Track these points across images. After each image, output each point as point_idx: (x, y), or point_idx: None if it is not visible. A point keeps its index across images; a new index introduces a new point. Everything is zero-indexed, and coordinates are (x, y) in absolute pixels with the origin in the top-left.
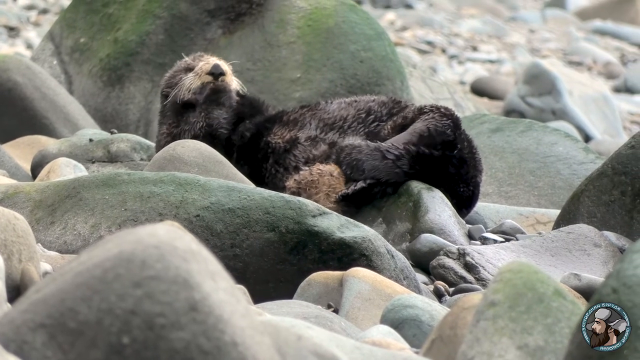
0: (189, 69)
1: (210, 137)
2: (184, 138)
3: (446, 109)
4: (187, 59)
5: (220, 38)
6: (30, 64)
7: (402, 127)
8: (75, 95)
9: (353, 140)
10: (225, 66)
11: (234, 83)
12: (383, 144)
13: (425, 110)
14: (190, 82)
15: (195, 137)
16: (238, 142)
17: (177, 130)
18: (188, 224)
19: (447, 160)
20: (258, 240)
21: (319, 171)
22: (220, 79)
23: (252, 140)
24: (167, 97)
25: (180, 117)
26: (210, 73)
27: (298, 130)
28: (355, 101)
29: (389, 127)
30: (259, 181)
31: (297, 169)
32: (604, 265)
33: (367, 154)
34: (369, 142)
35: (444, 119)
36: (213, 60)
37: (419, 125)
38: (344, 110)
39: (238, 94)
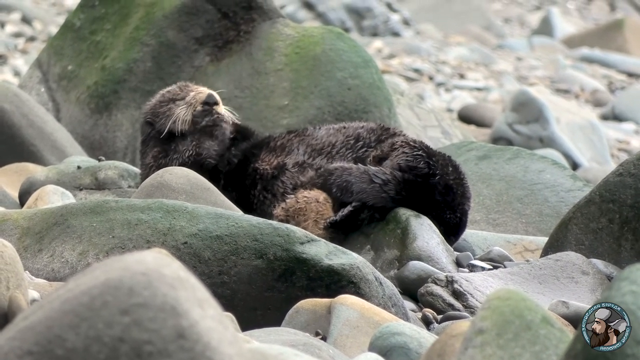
0: (174, 99)
1: (197, 165)
2: (172, 166)
3: (414, 141)
4: (171, 88)
5: (207, 65)
6: (17, 91)
7: (380, 160)
8: (63, 123)
9: (340, 163)
10: (217, 96)
11: (226, 113)
12: (371, 167)
13: (395, 146)
14: (185, 113)
15: (182, 164)
16: (225, 169)
17: (164, 160)
18: (176, 251)
19: (433, 187)
20: (246, 267)
21: (305, 198)
22: (215, 108)
23: (239, 167)
24: (152, 124)
25: (168, 146)
26: (205, 102)
27: (285, 156)
28: (344, 127)
29: (371, 157)
30: (247, 207)
31: (284, 196)
32: (592, 293)
33: (356, 176)
34: (359, 165)
35: (415, 150)
36: (206, 90)
37: (389, 164)
38: (333, 136)
39: (233, 123)
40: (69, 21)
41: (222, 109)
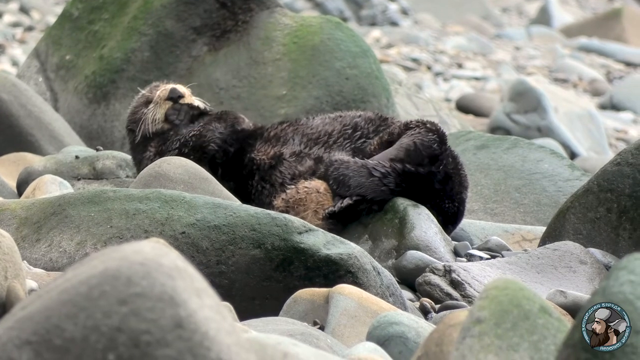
0: (148, 102)
1: (199, 148)
2: (172, 147)
3: (432, 123)
4: (144, 91)
5: (205, 55)
6: (15, 81)
7: (388, 144)
8: (61, 113)
9: (340, 155)
10: (182, 88)
11: (196, 102)
12: (370, 161)
13: (411, 125)
14: (154, 113)
15: (184, 145)
16: (221, 159)
17: (164, 146)
18: (174, 241)
19: (433, 177)
20: (244, 257)
21: (305, 189)
22: (180, 101)
23: (236, 157)
24: (134, 132)
25: (164, 136)
26: (169, 98)
27: (281, 146)
28: (341, 116)
29: (375, 143)
30: (245, 197)
31: (283, 186)
32: (590, 282)
33: (354, 170)
34: (357, 158)
35: (430, 133)
36: (168, 85)
37: (405, 140)
38: (329, 125)
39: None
40: (66, 11)
41: (191, 99)
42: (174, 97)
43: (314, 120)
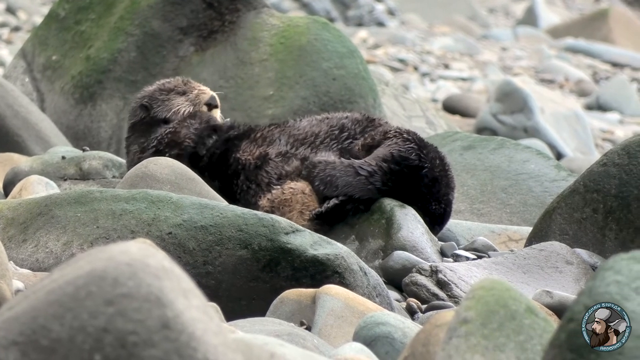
0: (175, 91)
1: (175, 145)
2: (150, 145)
3: (408, 132)
4: (172, 80)
5: (192, 55)
6: (2, 81)
7: (369, 147)
8: (47, 113)
9: (326, 155)
10: (218, 99)
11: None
12: (356, 160)
13: (389, 135)
14: (184, 109)
15: (159, 143)
16: (207, 160)
17: (145, 144)
18: (160, 242)
19: (420, 178)
20: (231, 257)
21: (291, 189)
22: (213, 110)
23: (221, 157)
24: (147, 109)
25: (151, 130)
26: (208, 104)
27: (267, 147)
28: (328, 118)
29: (360, 144)
30: (230, 197)
31: (269, 186)
32: (576, 283)
33: (341, 170)
34: (342, 159)
35: (407, 143)
36: (209, 91)
37: (382, 151)
38: (316, 126)
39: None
40: (53, 11)
41: (218, 112)
42: (212, 105)
43: (301, 122)
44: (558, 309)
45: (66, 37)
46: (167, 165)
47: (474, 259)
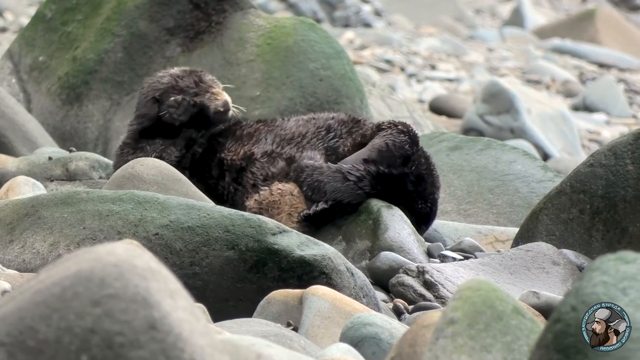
0: (187, 92)
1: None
2: (140, 155)
3: (404, 124)
4: (185, 77)
5: (179, 56)
6: None
7: (360, 145)
8: (34, 114)
9: (312, 154)
10: (230, 101)
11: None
12: (344, 165)
13: (383, 126)
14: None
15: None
16: (190, 160)
17: (133, 156)
18: (147, 242)
19: (406, 178)
20: (217, 258)
21: (279, 191)
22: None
23: (204, 157)
24: (159, 104)
25: (142, 143)
26: (221, 110)
27: (252, 145)
28: (314, 118)
29: (348, 144)
30: (217, 198)
31: (255, 187)
32: (563, 283)
33: (329, 176)
34: (330, 163)
35: (402, 135)
36: (224, 95)
37: (377, 141)
38: (302, 126)
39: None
40: (40, 12)
41: (231, 112)
42: (226, 111)
43: (288, 121)
44: (545, 310)
45: (53, 38)
46: (153, 166)
47: (460, 260)
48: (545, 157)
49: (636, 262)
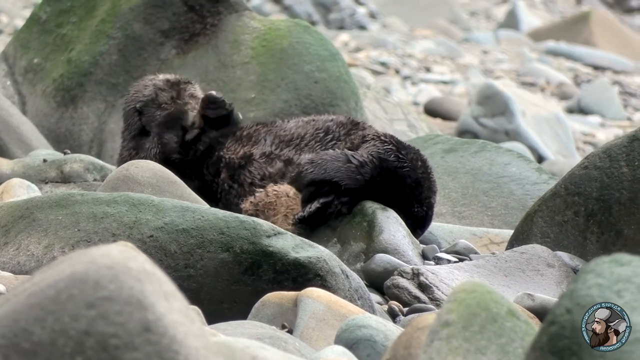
0: (163, 107)
1: (166, 163)
2: (141, 157)
3: (385, 135)
4: (164, 90)
5: (174, 58)
6: None
7: (358, 148)
8: (29, 116)
9: (309, 156)
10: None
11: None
12: (348, 151)
13: (367, 138)
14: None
15: (151, 157)
16: (191, 157)
17: (134, 152)
18: (142, 245)
19: (403, 180)
20: (212, 260)
21: (275, 192)
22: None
23: (204, 155)
24: (140, 114)
25: (139, 142)
26: (210, 105)
27: (252, 146)
28: (314, 120)
29: (346, 146)
30: (210, 197)
31: (252, 186)
32: (558, 286)
33: (332, 155)
34: (332, 150)
35: (385, 145)
36: (200, 93)
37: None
38: (302, 128)
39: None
40: (35, 14)
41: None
42: (217, 102)
43: (287, 123)
44: (539, 312)
45: (48, 40)
46: (148, 168)
47: (455, 262)
48: (540, 159)
49: (631, 265)
